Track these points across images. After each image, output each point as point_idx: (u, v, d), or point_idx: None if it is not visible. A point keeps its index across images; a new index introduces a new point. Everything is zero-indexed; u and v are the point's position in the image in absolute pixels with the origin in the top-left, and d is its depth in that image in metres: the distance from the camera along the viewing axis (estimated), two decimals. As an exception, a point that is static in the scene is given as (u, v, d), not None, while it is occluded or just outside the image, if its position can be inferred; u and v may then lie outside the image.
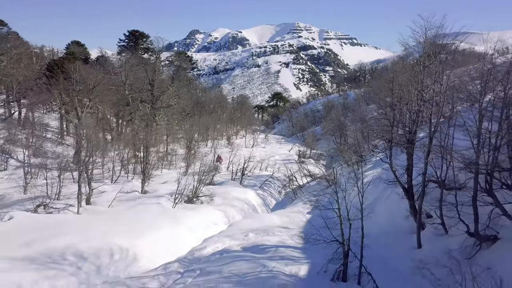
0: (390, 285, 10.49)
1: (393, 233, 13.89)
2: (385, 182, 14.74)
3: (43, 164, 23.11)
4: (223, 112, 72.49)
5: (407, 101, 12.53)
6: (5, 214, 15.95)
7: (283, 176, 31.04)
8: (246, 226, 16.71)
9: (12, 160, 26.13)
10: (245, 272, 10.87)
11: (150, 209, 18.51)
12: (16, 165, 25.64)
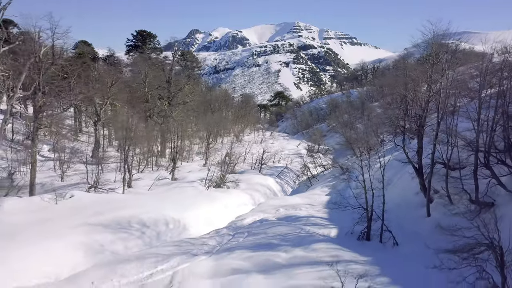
0: (406, 243, 12.88)
1: (405, 206, 16.27)
2: (401, 161, 17.05)
3: (74, 156, 25.45)
4: (229, 110, 74.65)
5: (419, 93, 14.91)
6: (66, 193, 18.34)
7: (295, 168, 33.43)
8: (275, 204, 19.13)
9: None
10: (286, 233, 13.28)
11: (188, 190, 20.92)
12: (39, 158, 27.63)
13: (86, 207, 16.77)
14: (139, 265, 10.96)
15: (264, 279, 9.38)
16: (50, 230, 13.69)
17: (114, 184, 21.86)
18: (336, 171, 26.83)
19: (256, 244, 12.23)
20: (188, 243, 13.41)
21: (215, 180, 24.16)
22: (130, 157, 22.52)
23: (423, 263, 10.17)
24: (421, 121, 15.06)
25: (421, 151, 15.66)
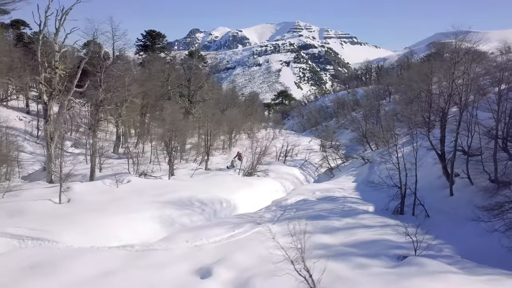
0: (435, 215, 15.05)
1: (428, 189, 18.42)
2: (426, 148, 19.21)
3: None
4: (236, 108, 76.57)
5: (443, 88, 17.10)
6: (123, 179, 20.46)
7: (312, 161, 35.59)
8: (309, 188, 21.32)
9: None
10: (332, 208, 15.44)
11: (227, 177, 23.09)
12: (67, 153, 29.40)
13: (146, 189, 18.92)
14: (219, 230, 13.10)
15: (329, 237, 11.50)
16: (127, 206, 15.84)
17: (155, 174, 24.00)
18: (355, 163, 29.02)
19: (310, 215, 14.37)
20: (247, 216, 15.58)
21: (247, 170, 26.31)
22: (173, 149, 24.64)
23: (456, 226, 12.33)
24: (444, 112, 17.24)
25: (444, 140, 17.83)
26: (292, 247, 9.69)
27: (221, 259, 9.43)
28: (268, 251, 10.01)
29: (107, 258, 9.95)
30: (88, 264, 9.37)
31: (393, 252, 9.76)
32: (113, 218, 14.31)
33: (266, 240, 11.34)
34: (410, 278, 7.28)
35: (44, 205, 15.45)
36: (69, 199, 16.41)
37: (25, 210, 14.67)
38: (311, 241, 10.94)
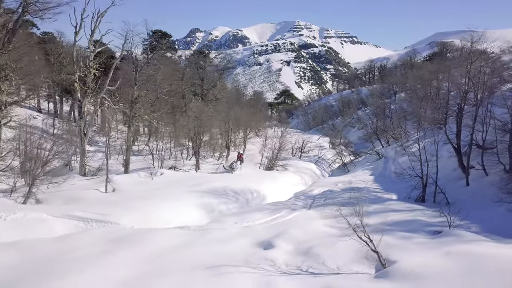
0: (455, 204, 16.33)
1: (445, 180, 19.66)
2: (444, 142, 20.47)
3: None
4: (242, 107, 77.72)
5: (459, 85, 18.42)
6: (156, 171, 21.75)
7: (325, 158, 36.87)
8: (331, 181, 22.62)
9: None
10: (358, 196, 16.68)
11: (250, 171, 24.35)
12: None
13: (180, 181, 20.22)
14: (259, 214, 14.39)
15: (366, 219, 12.76)
16: (169, 195, 17.13)
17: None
18: (369, 158, 30.35)
19: (340, 202, 15.63)
20: (281, 204, 16.89)
21: (267, 164, 27.61)
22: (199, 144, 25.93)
23: (477, 210, 13.63)
24: (460, 108, 18.56)
25: (460, 134, 19.14)
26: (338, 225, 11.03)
27: (278, 234, 10.72)
28: (317, 228, 11.35)
29: (174, 235, 11.24)
30: (162, 239, 10.66)
31: (428, 229, 11.06)
32: (159, 205, 15.59)
33: (310, 220, 12.70)
34: (450, 245, 8.55)
35: (94, 194, 16.77)
36: (114, 189, 17.71)
37: (78, 198, 15.99)
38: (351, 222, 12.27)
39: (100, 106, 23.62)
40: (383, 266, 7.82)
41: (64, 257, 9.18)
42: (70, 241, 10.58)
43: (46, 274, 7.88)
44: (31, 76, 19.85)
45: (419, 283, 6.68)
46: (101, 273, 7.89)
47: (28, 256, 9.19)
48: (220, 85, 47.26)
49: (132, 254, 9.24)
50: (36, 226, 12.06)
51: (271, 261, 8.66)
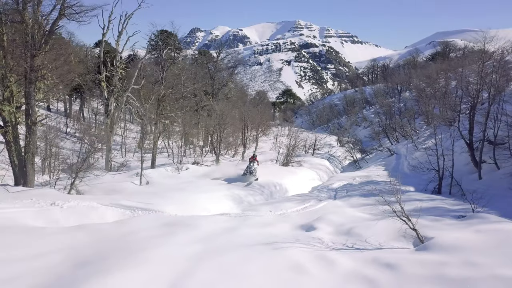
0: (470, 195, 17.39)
1: (458, 174, 20.65)
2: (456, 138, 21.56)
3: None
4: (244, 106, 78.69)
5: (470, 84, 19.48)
6: (182, 166, 22.81)
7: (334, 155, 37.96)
8: (348, 175, 23.67)
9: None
10: (380, 189, 17.76)
11: (269, 165, 25.45)
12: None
13: (206, 174, 21.32)
14: (290, 204, 15.45)
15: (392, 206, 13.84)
16: (200, 186, 18.22)
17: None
18: (381, 155, 31.44)
19: (363, 194, 16.76)
20: (306, 195, 17.97)
21: (282, 161, 28.68)
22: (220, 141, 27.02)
23: (493, 200, 14.68)
24: (472, 105, 19.63)
25: (472, 130, 20.22)
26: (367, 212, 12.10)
27: (317, 218, 11.78)
28: (350, 214, 12.42)
29: (219, 221, 12.28)
30: (209, 223, 11.69)
31: (452, 214, 12.12)
32: (194, 196, 16.68)
33: (340, 208, 13.76)
34: (478, 224, 9.61)
35: (130, 186, 17.85)
36: (147, 182, 18.78)
37: (116, 189, 17.08)
38: (380, 209, 13.34)
39: (126, 104, 24.68)
40: (421, 242, 8.88)
41: (128, 238, 10.20)
42: (126, 226, 11.61)
43: (120, 251, 8.90)
44: (65, 75, 20.85)
45: (457, 254, 7.73)
46: (169, 250, 8.91)
47: (96, 237, 10.22)
48: (231, 84, 48.25)
49: (189, 235, 10.27)
50: (90, 213, 13.13)
51: (318, 239, 9.72)
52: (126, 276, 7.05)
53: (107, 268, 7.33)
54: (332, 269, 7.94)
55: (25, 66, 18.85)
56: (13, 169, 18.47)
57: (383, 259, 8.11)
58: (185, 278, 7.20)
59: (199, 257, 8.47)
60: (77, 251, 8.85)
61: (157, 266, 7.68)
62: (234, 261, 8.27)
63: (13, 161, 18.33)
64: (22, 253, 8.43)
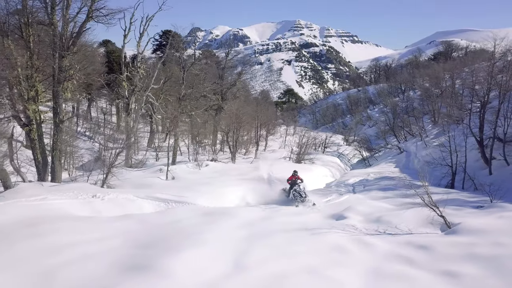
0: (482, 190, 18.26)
1: (468, 169, 21.58)
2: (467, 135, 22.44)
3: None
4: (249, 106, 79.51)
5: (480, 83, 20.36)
6: (202, 163, 23.65)
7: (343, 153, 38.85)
8: (361, 171, 24.55)
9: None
10: (395, 183, 18.67)
11: (283, 162, 26.36)
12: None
13: (225, 170, 22.17)
14: (315, 197, 16.31)
15: (413, 199, 14.70)
16: (224, 181, 19.09)
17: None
18: (390, 153, 32.35)
19: (381, 188, 17.64)
20: (326, 190, 18.87)
21: (295, 158, 29.56)
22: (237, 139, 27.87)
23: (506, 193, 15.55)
24: (483, 104, 20.53)
25: (483, 128, 21.10)
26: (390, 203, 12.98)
27: (346, 209, 12.64)
28: (376, 205, 13.29)
29: (252, 211, 13.15)
30: (245, 213, 12.56)
31: (470, 204, 13.01)
32: (220, 190, 17.57)
33: (363, 200, 14.63)
34: (500, 212, 10.47)
35: (157, 181, 18.71)
36: (173, 177, 19.64)
37: (145, 184, 17.93)
38: (400, 201, 14.22)
39: (145, 103, 25.53)
40: (449, 227, 9.75)
41: (175, 225, 11.02)
42: (168, 215, 12.46)
43: (175, 235, 9.72)
44: (92, 75, 21.71)
45: (485, 236, 8.60)
46: (220, 234, 9.76)
47: (144, 224, 11.06)
48: (239, 84, 49.04)
49: (231, 222, 11.11)
50: (128, 205, 13.99)
51: (352, 226, 10.59)
52: (195, 253, 7.92)
53: (174, 248, 8.20)
54: (371, 250, 8.81)
55: (53, 66, 19.65)
56: (37, 166, 19.27)
57: (416, 242, 8.98)
58: (244, 255, 8.07)
59: (248, 239, 9.34)
60: (134, 236, 9.69)
61: (217, 246, 8.55)
62: (281, 243, 9.15)
63: (37, 159, 19.14)
64: (88, 237, 9.29)
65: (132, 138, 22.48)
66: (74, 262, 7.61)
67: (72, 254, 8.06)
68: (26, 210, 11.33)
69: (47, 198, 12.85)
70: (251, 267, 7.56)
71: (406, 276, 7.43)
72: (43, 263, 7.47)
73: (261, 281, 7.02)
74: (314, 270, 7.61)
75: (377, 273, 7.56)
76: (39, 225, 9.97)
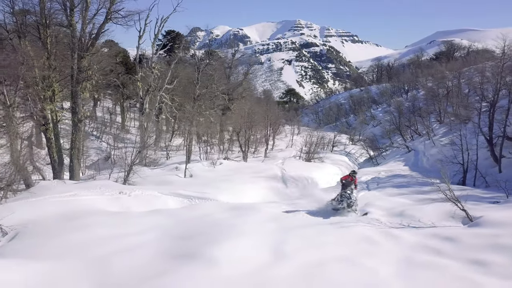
0: (493, 187, 18.75)
1: (478, 167, 22.15)
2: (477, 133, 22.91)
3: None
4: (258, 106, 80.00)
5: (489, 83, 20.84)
6: (216, 161, 24.11)
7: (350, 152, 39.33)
8: (372, 170, 25.02)
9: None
10: (407, 181, 19.15)
11: (294, 161, 26.80)
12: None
13: (239, 169, 22.65)
14: (333, 194, 16.73)
15: (429, 195, 15.18)
16: (241, 179, 19.55)
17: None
18: (398, 152, 32.86)
19: (395, 185, 18.12)
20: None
21: (305, 157, 30.03)
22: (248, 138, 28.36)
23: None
24: (493, 103, 21.01)
25: (492, 127, 21.58)
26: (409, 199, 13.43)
27: (367, 204, 13.12)
28: (395, 200, 13.76)
29: (275, 207, 13.60)
30: (269, 208, 13.02)
31: (486, 200, 13.48)
32: (238, 187, 18.05)
33: (380, 196, 15.11)
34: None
35: (176, 178, 19.19)
36: (191, 175, 20.11)
37: (165, 181, 18.41)
38: (416, 197, 14.69)
39: (159, 103, 25.99)
40: (470, 220, 10.22)
41: (206, 219, 11.43)
42: (196, 210, 12.89)
43: (210, 227, 10.14)
44: (108, 75, 22.16)
45: (508, 227, 9.06)
46: (253, 226, 10.21)
47: (176, 219, 11.50)
48: (245, 84, 49.49)
49: (258, 216, 11.56)
50: (154, 201, 14.47)
51: (376, 220, 11.06)
52: (235, 244, 8.40)
53: (214, 239, 8.67)
54: (399, 241, 9.28)
55: (72, 66, 20.10)
56: (53, 165, 19.66)
57: (441, 234, 9.45)
58: (280, 245, 8.55)
59: (279, 231, 9.80)
60: (169, 229, 10.14)
61: (253, 237, 9.02)
62: (310, 234, 9.62)
63: (53, 157, 19.55)
64: (127, 230, 9.76)
65: (154, 137, 22.94)
66: (122, 252, 8.08)
67: (118, 245, 8.53)
68: (61, 205, 11.82)
69: (78, 194, 13.34)
70: (289, 256, 8.03)
71: (436, 264, 7.90)
72: (95, 252, 7.95)
73: (301, 268, 7.48)
74: (347, 259, 8.08)
75: (408, 262, 8.02)
76: (79, 219, 10.47)
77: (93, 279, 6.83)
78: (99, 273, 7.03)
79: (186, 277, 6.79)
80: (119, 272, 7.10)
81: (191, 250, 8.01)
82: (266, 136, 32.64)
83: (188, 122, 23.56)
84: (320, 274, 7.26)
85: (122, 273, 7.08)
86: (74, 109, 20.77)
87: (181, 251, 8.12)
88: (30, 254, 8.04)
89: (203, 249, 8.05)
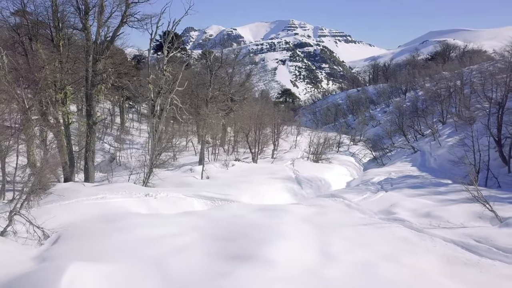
0: (504, 188, 19.25)
1: (486, 168, 22.66)
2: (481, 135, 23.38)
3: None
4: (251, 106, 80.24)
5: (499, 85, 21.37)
6: (229, 163, 24.28)
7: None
8: (382, 170, 25.41)
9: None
10: (421, 181, 19.56)
11: (304, 162, 27.06)
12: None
13: (253, 170, 22.84)
14: (350, 195, 17.06)
15: (449, 195, 15.57)
16: (257, 180, 19.77)
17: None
18: (403, 152, 33.28)
19: (409, 185, 18.50)
20: (356, 188, 19.63)
21: (313, 158, 30.34)
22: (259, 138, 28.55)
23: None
24: (501, 106, 21.54)
25: (501, 128, 22.11)
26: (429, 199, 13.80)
27: (392, 205, 13.46)
28: (418, 201, 14.12)
29: (299, 208, 13.85)
30: (295, 209, 13.28)
31: (506, 200, 13.91)
32: (257, 188, 18.26)
33: (399, 197, 15.46)
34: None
35: (194, 180, 19.35)
36: (208, 176, 20.28)
37: (184, 183, 18.55)
38: (436, 198, 15.07)
39: (170, 105, 26.05)
40: (500, 221, 10.60)
41: (239, 220, 11.57)
42: (226, 212, 13.01)
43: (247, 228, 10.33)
44: (121, 78, 22.21)
45: (539, 227, 9.47)
46: (290, 227, 10.45)
47: (208, 220, 11.65)
48: (248, 85, 49.71)
49: (289, 217, 11.79)
50: (180, 203, 14.64)
51: (407, 221, 11.39)
52: (284, 244, 8.64)
53: (261, 239, 8.90)
54: (434, 239, 9.64)
55: (87, 69, 20.16)
56: (63, 167, 19.67)
57: (474, 234, 9.81)
58: (325, 246, 8.82)
59: (318, 232, 10.07)
60: (209, 230, 10.32)
61: (298, 238, 9.28)
62: (350, 235, 9.90)
63: (64, 160, 19.56)
64: (166, 231, 9.92)
65: (177, 140, 22.98)
66: (176, 253, 8.26)
67: (164, 246, 8.70)
68: (95, 207, 11.95)
69: (106, 197, 13.44)
70: (337, 256, 8.30)
71: (478, 263, 8.24)
72: (148, 253, 8.13)
73: (351, 267, 7.76)
74: (391, 258, 8.38)
75: (450, 262, 8.35)
76: (116, 221, 10.62)
77: (155, 280, 7.01)
78: (159, 273, 7.22)
79: (247, 277, 7.02)
80: (179, 273, 7.30)
81: (245, 252, 8.21)
82: (274, 137, 32.91)
83: (202, 124, 23.68)
84: (373, 273, 7.54)
85: (181, 274, 7.27)
86: (89, 112, 20.77)
87: (234, 252, 8.31)
88: (79, 256, 8.12)
89: (259, 250, 8.26)
